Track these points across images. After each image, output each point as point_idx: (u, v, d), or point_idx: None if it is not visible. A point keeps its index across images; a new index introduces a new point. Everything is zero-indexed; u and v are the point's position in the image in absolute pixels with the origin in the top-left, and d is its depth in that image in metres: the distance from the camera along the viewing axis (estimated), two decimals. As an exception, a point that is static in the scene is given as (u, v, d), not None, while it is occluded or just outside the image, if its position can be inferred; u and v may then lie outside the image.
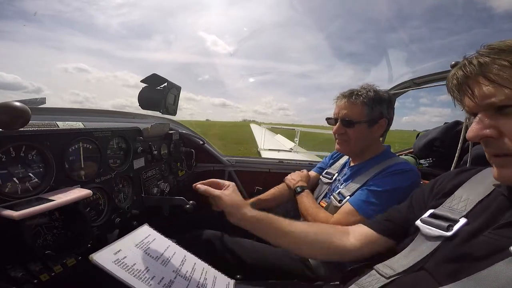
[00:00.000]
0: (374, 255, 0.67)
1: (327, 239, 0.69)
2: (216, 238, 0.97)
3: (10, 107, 0.48)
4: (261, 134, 7.40)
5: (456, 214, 0.53)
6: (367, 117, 0.97)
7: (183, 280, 0.55)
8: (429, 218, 0.56)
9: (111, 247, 0.52)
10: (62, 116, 0.83)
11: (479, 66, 0.44)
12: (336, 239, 0.69)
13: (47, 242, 0.63)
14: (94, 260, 0.47)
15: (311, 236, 0.69)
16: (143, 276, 0.49)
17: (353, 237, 0.69)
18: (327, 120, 1.10)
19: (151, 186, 1.12)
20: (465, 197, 0.55)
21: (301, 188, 1.12)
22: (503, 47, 0.43)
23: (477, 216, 0.50)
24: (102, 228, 0.82)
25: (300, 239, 0.68)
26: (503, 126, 0.43)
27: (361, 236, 0.68)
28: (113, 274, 0.46)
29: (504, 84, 0.42)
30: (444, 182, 0.63)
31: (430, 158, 1.44)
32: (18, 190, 0.60)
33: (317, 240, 0.69)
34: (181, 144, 1.49)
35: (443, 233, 0.51)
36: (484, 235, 0.45)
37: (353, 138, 0.99)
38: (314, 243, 0.69)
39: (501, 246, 0.42)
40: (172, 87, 0.87)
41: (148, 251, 0.57)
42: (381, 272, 0.55)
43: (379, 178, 0.91)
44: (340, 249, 0.67)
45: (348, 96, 0.99)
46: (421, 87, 1.55)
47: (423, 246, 0.53)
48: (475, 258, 0.44)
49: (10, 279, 0.51)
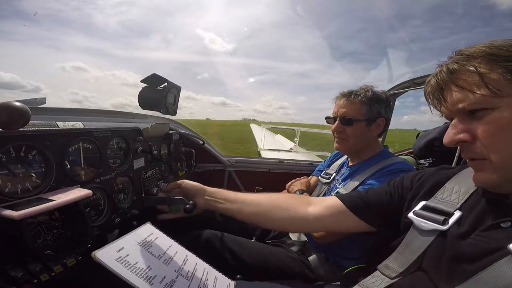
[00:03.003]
0: (336, 229, 0.68)
1: (288, 205, 0.69)
2: (216, 238, 0.97)
3: (10, 107, 0.48)
4: (261, 134, 7.41)
5: (450, 206, 0.53)
6: (365, 115, 0.99)
7: (185, 280, 0.55)
8: (422, 211, 0.55)
9: (113, 245, 0.52)
10: (62, 116, 0.83)
11: (449, 73, 0.46)
12: (298, 207, 0.68)
13: (47, 242, 0.63)
14: (97, 258, 0.46)
15: (272, 203, 0.70)
16: (145, 274, 0.49)
17: (319, 206, 0.68)
18: (326, 119, 1.12)
19: (151, 186, 1.12)
20: (456, 188, 0.55)
21: (300, 192, 1.15)
22: (472, 53, 0.44)
23: (470, 210, 0.50)
24: (102, 228, 0.82)
25: (259, 206, 0.70)
26: (475, 130, 0.44)
27: (327, 206, 0.68)
28: (115, 272, 0.46)
29: (471, 89, 0.43)
30: (424, 176, 0.63)
31: (430, 158, 1.44)
32: (18, 190, 0.59)
33: (278, 207, 0.69)
34: (181, 144, 1.49)
35: (439, 227, 0.51)
36: (471, 238, 0.46)
37: (352, 136, 1.01)
38: (274, 209, 0.69)
39: (489, 248, 0.42)
40: (172, 87, 0.87)
41: (150, 249, 0.57)
42: (385, 272, 0.55)
43: (377, 177, 0.92)
44: (302, 217, 0.67)
45: (347, 95, 1.02)
46: (421, 87, 1.55)
47: (417, 241, 0.53)
48: (466, 259, 0.44)
49: (10, 279, 0.51)
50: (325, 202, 0.70)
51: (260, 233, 1.19)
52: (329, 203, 0.70)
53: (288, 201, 0.72)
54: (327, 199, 0.72)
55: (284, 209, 0.69)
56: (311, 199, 0.74)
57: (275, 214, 0.69)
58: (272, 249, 1.00)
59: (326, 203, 0.70)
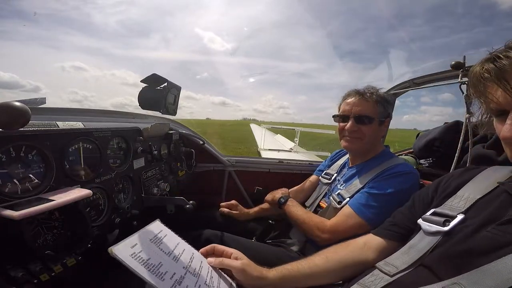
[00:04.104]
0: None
1: (350, 261, 0.68)
2: (216, 238, 0.97)
3: (10, 107, 0.48)
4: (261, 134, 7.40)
5: (455, 211, 0.54)
6: (379, 115, 0.99)
7: (192, 277, 0.56)
8: (430, 216, 0.57)
9: (127, 241, 0.53)
10: (62, 116, 0.83)
11: None
12: (357, 257, 0.68)
13: (47, 242, 0.63)
14: (114, 253, 0.47)
15: (335, 265, 0.68)
16: (157, 271, 0.50)
17: (370, 251, 0.68)
18: (334, 118, 1.08)
19: (151, 186, 1.12)
20: (466, 195, 0.55)
21: (284, 198, 1.10)
22: None
23: (479, 212, 0.50)
24: (102, 228, 0.82)
25: (326, 274, 0.67)
26: None
27: (376, 248, 0.68)
28: (131, 268, 0.47)
29: None
30: (449, 181, 0.63)
31: (430, 158, 1.44)
32: (18, 190, 0.59)
33: (342, 266, 0.67)
34: (181, 144, 1.49)
35: (440, 228, 0.52)
36: (487, 231, 0.45)
37: (367, 135, 0.99)
38: (338, 270, 0.67)
39: (505, 241, 0.42)
40: (172, 87, 0.87)
41: (161, 246, 0.58)
42: (384, 270, 0.55)
43: (379, 180, 0.91)
44: (363, 265, 0.66)
45: (362, 93, 0.99)
46: (421, 87, 1.55)
47: (422, 242, 0.54)
48: (478, 253, 0.44)
49: (10, 279, 0.51)
50: (370, 244, 0.69)
51: (260, 233, 1.19)
52: (374, 243, 0.68)
53: (343, 256, 0.69)
54: (368, 241, 0.70)
55: (349, 266, 0.67)
56: (356, 245, 0.71)
57: (345, 273, 0.68)
58: (272, 249, 1.00)
59: (371, 245, 0.68)
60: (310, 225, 0.94)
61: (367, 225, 0.85)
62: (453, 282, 0.42)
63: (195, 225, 1.08)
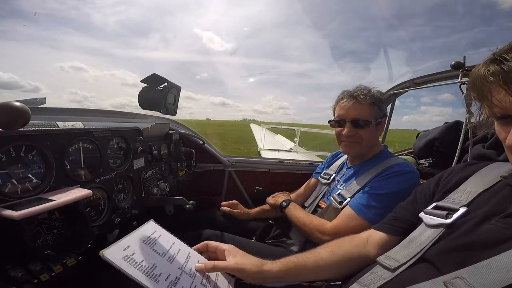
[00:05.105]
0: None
1: (355, 255, 0.67)
2: (216, 238, 0.97)
3: (10, 107, 0.49)
4: (261, 134, 7.41)
5: (457, 204, 0.53)
6: (375, 117, 0.97)
7: (188, 277, 0.55)
8: (432, 210, 0.56)
9: (120, 243, 0.52)
10: (62, 116, 0.83)
11: None
12: (362, 251, 0.68)
13: (47, 242, 0.63)
14: (105, 256, 0.47)
15: (340, 259, 0.67)
16: (151, 272, 0.50)
17: (372, 246, 0.68)
18: (330, 123, 1.07)
19: (151, 186, 1.12)
20: (468, 189, 0.55)
21: (286, 202, 1.11)
22: None
23: (482, 205, 0.50)
24: (102, 228, 0.82)
25: (332, 267, 0.66)
26: None
27: (378, 243, 0.67)
28: (123, 270, 0.47)
29: None
30: (450, 176, 0.62)
31: (430, 158, 1.44)
32: (18, 190, 0.59)
33: (346, 260, 0.67)
34: (181, 144, 1.49)
35: (442, 220, 0.51)
36: (491, 224, 0.45)
37: (365, 139, 0.98)
38: (343, 264, 0.67)
39: (509, 234, 0.41)
40: (172, 87, 0.87)
41: (155, 247, 0.57)
42: (385, 264, 0.54)
43: (379, 180, 0.91)
44: (364, 260, 0.66)
45: (355, 97, 0.97)
46: (421, 87, 1.55)
47: (424, 235, 0.54)
48: (481, 246, 0.43)
49: (10, 279, 0.51)
50: (371, 240, 0.68)
51: (260, 233, 1.19)
52: (375, 238, 0.68)
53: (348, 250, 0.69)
54: (370, 237, 0.70)
55: (353, 260, 0.67)
56: (358, 241, 0.71)
57: (350, 268, 0.67)
58: (272, 249, 1.00)
59: (372, 240, 0.68)
60: (311, 227, 0.94)
61: (369, 226, 0.84)
62: (455, 276, 0.42)
63: (195, 225, 1.08)
